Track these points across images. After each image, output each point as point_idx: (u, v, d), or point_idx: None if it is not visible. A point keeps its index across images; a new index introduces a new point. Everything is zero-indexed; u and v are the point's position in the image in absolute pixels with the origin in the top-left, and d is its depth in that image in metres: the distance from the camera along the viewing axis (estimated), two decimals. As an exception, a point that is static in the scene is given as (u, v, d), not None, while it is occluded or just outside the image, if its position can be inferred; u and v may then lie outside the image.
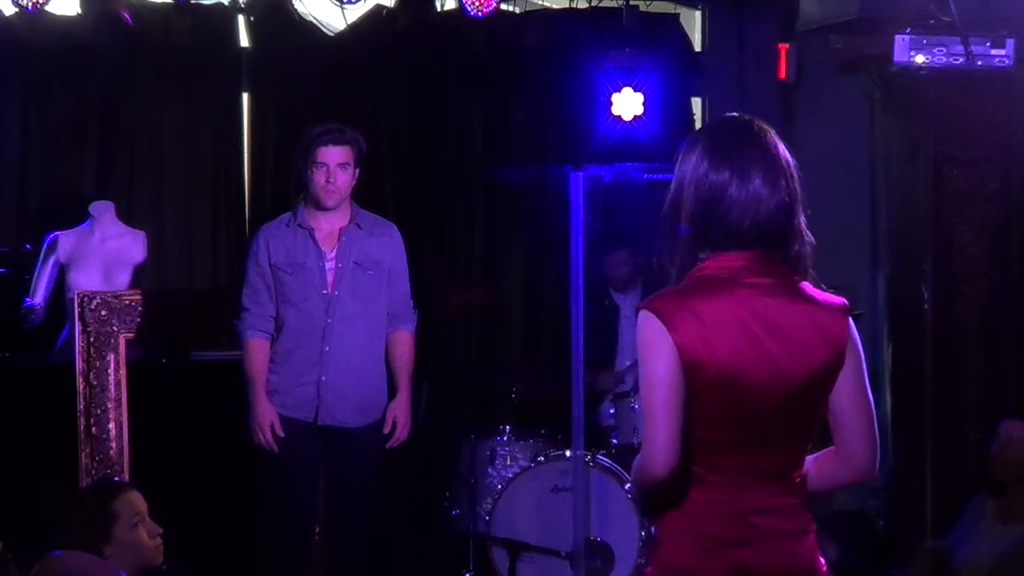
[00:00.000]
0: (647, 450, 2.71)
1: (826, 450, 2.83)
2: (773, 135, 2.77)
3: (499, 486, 6.29)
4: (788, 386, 2.70)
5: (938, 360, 6.79)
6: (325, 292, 5.32)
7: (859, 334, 2.80)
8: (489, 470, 6.41)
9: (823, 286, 2.79)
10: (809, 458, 2.81)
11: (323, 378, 5.32)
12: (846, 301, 2.80)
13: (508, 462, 6.41)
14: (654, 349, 2.68)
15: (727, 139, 2.76)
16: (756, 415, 2.70)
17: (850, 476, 2.81)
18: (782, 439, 2.74)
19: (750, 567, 2.72)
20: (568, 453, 6.11)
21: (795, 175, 2.75)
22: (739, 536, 2.72)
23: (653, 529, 6.43)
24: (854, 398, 2.76)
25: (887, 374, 7.09)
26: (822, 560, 2.80)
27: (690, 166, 2.75)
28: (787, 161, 2.75)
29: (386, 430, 5.39)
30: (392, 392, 5.43)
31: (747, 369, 2.68)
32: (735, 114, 2.84)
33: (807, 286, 2.77)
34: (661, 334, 2.67)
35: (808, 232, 2.76)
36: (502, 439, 6.45)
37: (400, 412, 5.40)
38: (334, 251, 5.35)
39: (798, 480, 2.78)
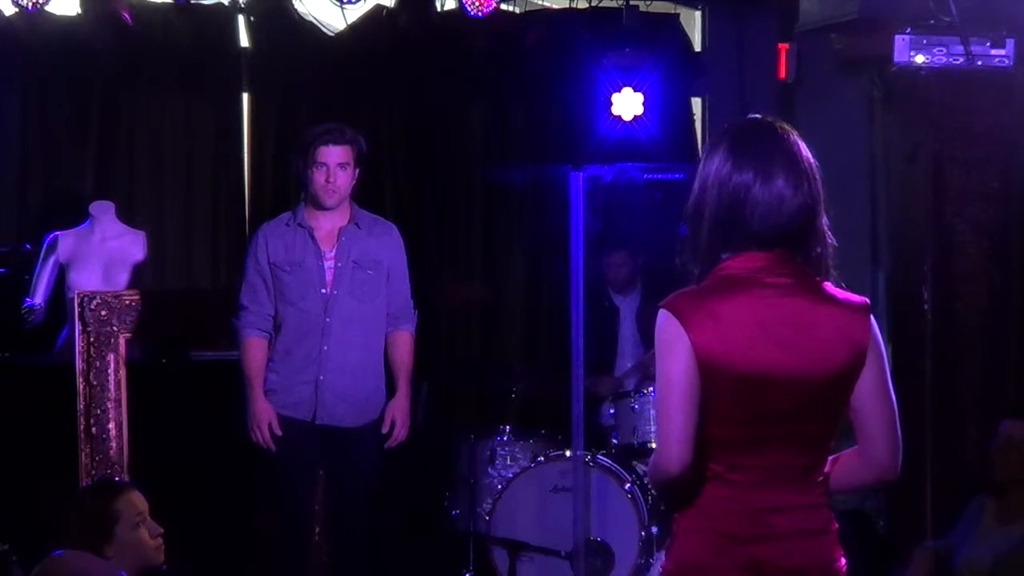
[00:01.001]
0: (661, 448, 2.71)
1: (849, 449, 2.83)
2: (796, 137, 2.78)
3: (499, 486, 6.29)
4: (808, 386, 2.70)
5: (938, 360, 6.77)
6: (324, 291, 5.32)
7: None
8: (489, 470, 6.40)
9: (843, 285, 2.79)
10: (831, 457, 2.81)
11: (321, 377, 5.31)
12: (867, 300, 2.80)
13: (508, 462, 6.41)
14: (671, 348, 2.69)
15: (750, 140, 2.77)
16: (775, 414, 2.70)
17: (873, 475, 2.82)
18: (802, 438, 2.74)
19: (763, 563, 2.72)
20: (568, 453, 6.11)
21: (818, 177, 2.76)
22: (754, 534, 2.72)
23: (654, 529, 6.41)
24: (876, 397, 2.77)
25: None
26: (843, 560, 2.80)
27: (713, 167, 2.75)
28: (810, 163, 2.76)
29: (384, 430, 5.38)
30: (391, 392, 5.44)
31: (765, 368, 2.68)
32: (758, 116, 2.84)
33: (828, 286, 2.77)
34: (678, 333, 2.68)
35: (830, 234, 2.77)
36: (502, 439, 6.45)
37: (399, 412, 5.40)
38: (333, 250, 5.35)
39: (820, 479, 2.78)
